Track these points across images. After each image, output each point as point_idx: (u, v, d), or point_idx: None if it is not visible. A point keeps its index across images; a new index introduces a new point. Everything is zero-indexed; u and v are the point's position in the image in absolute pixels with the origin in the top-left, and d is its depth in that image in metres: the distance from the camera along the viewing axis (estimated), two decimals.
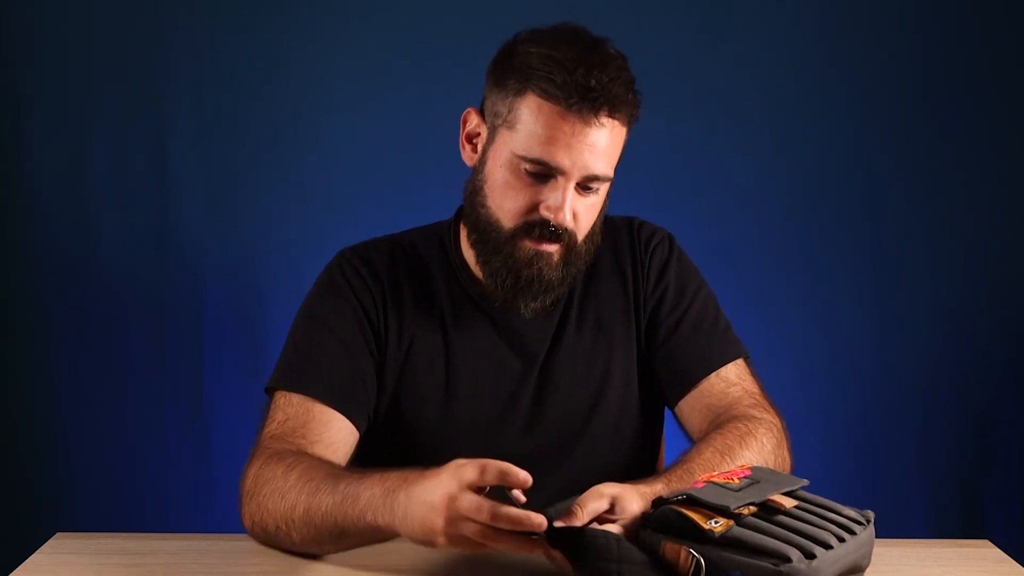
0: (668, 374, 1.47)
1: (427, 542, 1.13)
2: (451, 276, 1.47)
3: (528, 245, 1.37)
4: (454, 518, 1.09)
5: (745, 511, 1.09)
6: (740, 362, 1.47)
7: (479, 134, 1.41)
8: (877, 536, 1.33)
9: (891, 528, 2.31)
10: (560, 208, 1.34)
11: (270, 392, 1.42)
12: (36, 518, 2.31)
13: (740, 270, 2.30)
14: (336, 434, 1.37)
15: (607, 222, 1.52)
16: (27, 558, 1.23)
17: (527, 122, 1.34)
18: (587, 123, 1.32)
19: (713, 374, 1.44)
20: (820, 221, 2.36)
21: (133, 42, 2.26)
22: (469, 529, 1.09)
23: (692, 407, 1.44)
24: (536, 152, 1.33)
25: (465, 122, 1.43)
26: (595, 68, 1.31)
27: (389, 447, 1.43)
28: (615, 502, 1.17)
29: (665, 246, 1.52)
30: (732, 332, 1.50)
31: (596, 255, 1.49)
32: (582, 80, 1.30)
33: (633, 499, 1.18)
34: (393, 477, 1.17)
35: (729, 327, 1.51)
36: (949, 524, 2.37)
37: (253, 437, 1.38)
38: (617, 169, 1.52)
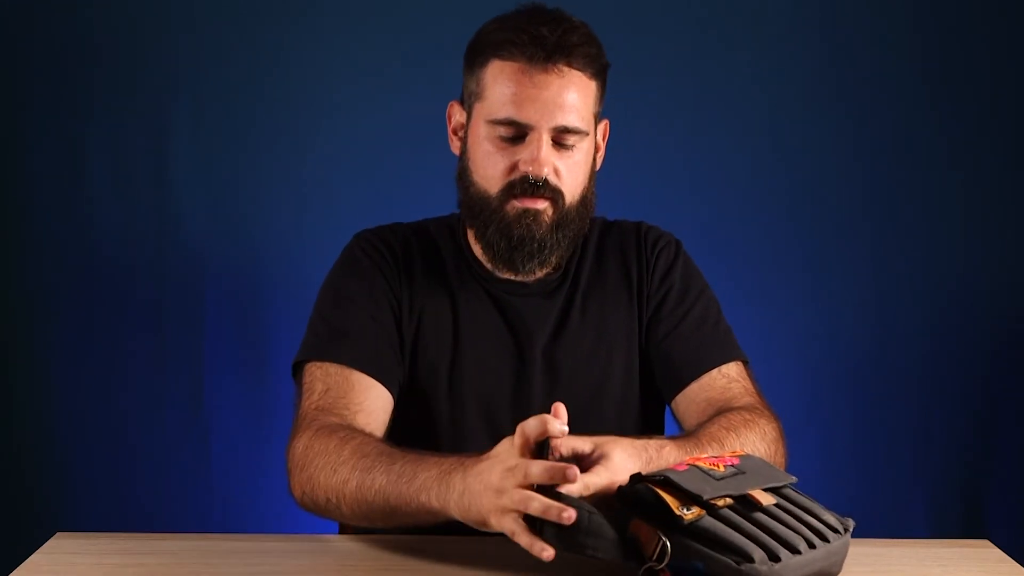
0: (666, 369, 1.49)
1: (480, 523, 1.13)
2: (460, 259, 1.51)
3: (515, 205, 1.41)
4: (505, 488, 1.09)
5: (720, 502, 1.08)
6: (740, 364, 1.49)
7: (462, 123, 1.46)
8: (877, 536, 1.34)
9: (891, 528, 2.33)
10: (535, 159, 1.38)
11: (299, 366, 1.44)
12: (36, 518, 2.31)
13: (740, 270, 2.30)
14: (375, 401, 1.40)
15: (615, 226, 1.56)
16: (27, 558, 1.23)
17: (492, 87, 1.39)
18: (547, 72, 1.36)
19: (715, 370, 1.46)
20: (820, 221, 2.36)
21: (133, 42, 2.27)
22: (516, 497, 1.08)
23: (691, 400, 1.45)
24: (504, 112, 1.38)
25: (450, 116, 1.49)
26: (548, 23, 1.37)
27: (406, 420, 1.46)
28: (596, 447, 1.17)
29: (671, 249, 1.55)
30: (733, 337, 1.52)
31: (602, 254, 1.53)
32: (535, 32, 1.36)
33: (616, 447, 1.17)
34: (450, 460, 1.18)
35: (731, 332, 1.53)
36: (949, 524, 2.37)
37: (253, 437, 1.39)
38: (618, 168, 1.53)
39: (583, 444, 1.18)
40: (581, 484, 1.11)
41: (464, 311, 1.48)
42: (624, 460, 1.17)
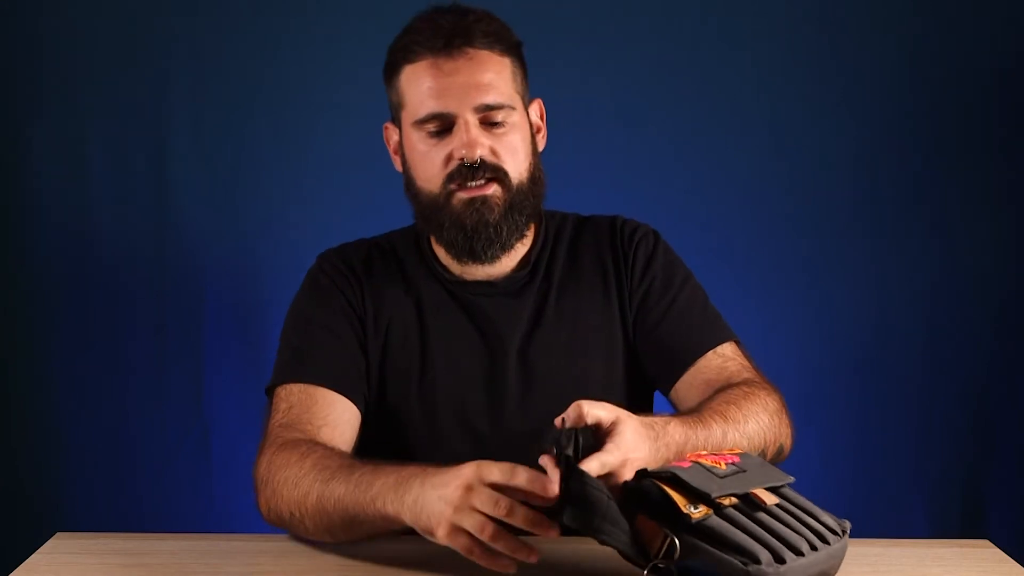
0: (660, 359, 1.48)
1: (428, 531, 1.14)
2: (424, 265, 1.52)
3: (460, 196, 1.42)
4: (463, 507, 1.09)
5: (726, 501, 1.08)
6: (733, 344, 1.49)
7: (398, 140, 1.49)
8: (877, 536, 1.34)
9: (891, 528, 2.33)
10: (465, 143, 1.39)
11: (270, 392, 1.45)
12: (36, 518, 2.30)
13: (740, 270, 2.30)
14: (340, 415, 1.40)
15: (589, 221, 1.57)
16: (27, 558, 1.23)
17: (409, 90, 1.42)
18: (453, 58, 1.39)
19: (709, 352, 1.46)
20: (820, 221, 2.36)
21: (133, 42, 2.26)
22: (473, 521, 1.09)
23: (689, 386, 1.45)
24: (425, 109, 1.40)
25: (388, 139, 1.52)
26: (444, 15, 1.41)
27: (380, 433, 1.47)
28: (614, 425, 1.17)
29: (649, 240, 1.54)
30: (723, 319, 1.52)
31: (575, 250, 1.54)
32: (432, 26, 1.40)
33: (627, 424, 1.17)
34: (410, 468, 1.19)
35: (719, 315, 1.53)
36: (949, 524, 2.37)
37: (253, 437, 1.39)
38: (618, 168, 1.52)
39: (605, 415, 1.17)
40: (598, 463, 1.11)
41: (430, 317, 1.49)
42: (635, 438, 1.16)
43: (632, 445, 1.15)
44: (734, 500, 1.09)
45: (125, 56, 2.27)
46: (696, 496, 1.07)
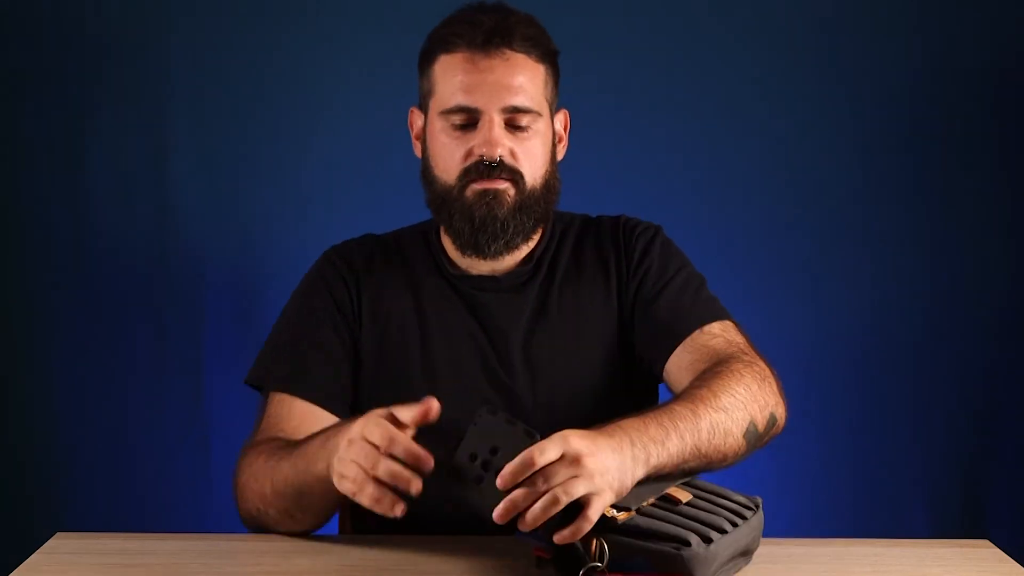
0: (652, 338, 1.48)
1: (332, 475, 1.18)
2: (429, 261, 1.53)
3: (474, 188, 1.43)
4: (344, 458, 1.14)
5: (646, 503, 1.17)
6: (726, 322, 1.47)
7: (421, 126, 1.50)
8: (877, 536, 1.34)
9: (891, 528, 2.33)
10: (488, 142, 1.41)
11: (250, 385, 1.49)
12: (36, 518, 2.30)
13: (740, 270, 2.30)
14: (316, 425, 1.40)
15: (596, 221, 1.57)
16: (27, 558, 1.23)
17: (441, 80, 1.44)
18: (490, 56, 1.41)
19: (696, 331, 1.45)
20: (820, 220, 2.35)
21: (133, 41, 2.26)
22: (352, 471, 1.13)
23: (678, 367, 1.44)
24: (453, 100, 1.42)
25: (411, 123, 1.53)
26: (488, 12, 1.43)
27: None
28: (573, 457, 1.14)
29: (649, 232, 1.56)
30: (719, 303, 1.51)
31: (580, 249, 1.54)
32: (475, 21, 1.42)
33: (587, 453, 1.14)
34: (335, 425, 1.25)
35: (716, 300, 1.52)
36: (949, 524, 2.37)
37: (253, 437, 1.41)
38: (618, 167, 1.52)
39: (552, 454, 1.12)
40: (570, 532, 1.10)
41: (431, 311, 1.50)
42: (596, 463, 1.11)
43: (601, 470, 1.11)
44: (652, 500, 1.18)
45: (125, 56, 2.26)
46: (617, 508, 1.14)
